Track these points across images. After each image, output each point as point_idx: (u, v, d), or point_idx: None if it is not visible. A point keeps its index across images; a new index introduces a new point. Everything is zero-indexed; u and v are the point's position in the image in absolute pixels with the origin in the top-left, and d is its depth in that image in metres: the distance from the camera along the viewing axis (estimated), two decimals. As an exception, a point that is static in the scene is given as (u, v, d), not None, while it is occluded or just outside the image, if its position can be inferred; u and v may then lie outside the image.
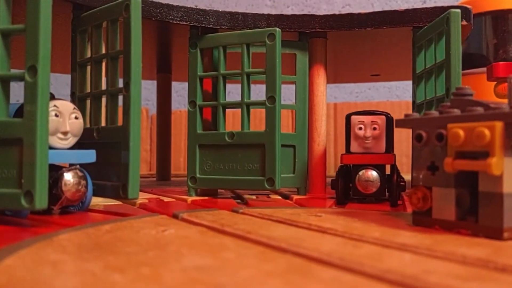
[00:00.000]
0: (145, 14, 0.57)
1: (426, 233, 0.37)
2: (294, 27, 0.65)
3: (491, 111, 0.34)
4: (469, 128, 0.35)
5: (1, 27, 0.39)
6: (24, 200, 0.37)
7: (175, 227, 0.38)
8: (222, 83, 0.61)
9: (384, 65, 0.90)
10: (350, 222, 0.41)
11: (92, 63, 0.52)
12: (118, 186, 0.46)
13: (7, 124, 0.38)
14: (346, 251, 0.30)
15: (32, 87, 0.37)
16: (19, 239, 0.33)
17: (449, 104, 0.39)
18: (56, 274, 0.24)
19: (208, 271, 0.25)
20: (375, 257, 0.29)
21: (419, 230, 0.38)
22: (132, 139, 0.45)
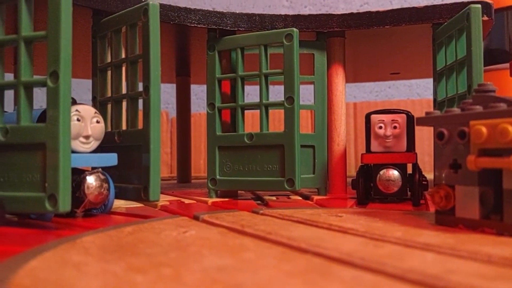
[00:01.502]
0: (163, 18, 0.57)
1: (449, 232, 0.36)
2: (311, 27, 0.65)
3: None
4: (492, 124, 0.34)
5: (24, 34, 0.40)
6: (48, 203, 0.37)
7: (196, 228, 0.39)
8: (240, 85, 0.61)
9: (403, 63, 0.89)
10: (371, 222, 0.41)
11: (112, 67, 0.53)
12: (139, 189, 0.47)
13: (30, 129, 0.39)
14: (367, 251, 0.30)
15: (54, 92, 0.37)
16: (43, 241, 0.34)
17: (471, 101, 0.39)
18: (79, 276, 0.25)
19: (228, 272, 0.25)
20: (397, 257, 0.28)
21: (442, 229, 0.37)
22: (152, 142, 0.46)
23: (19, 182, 0.39)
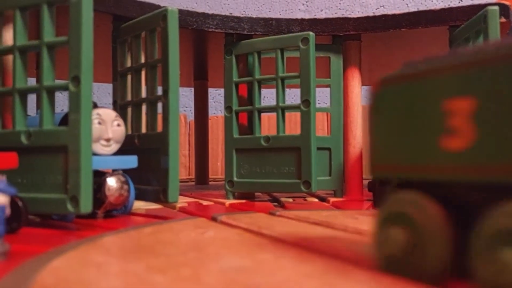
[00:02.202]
0: (182, 23, 0.58)
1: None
2: (327, 30, 0.65)
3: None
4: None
5: (46, 40, 0.41)
6: (70, 204, 0.38)
7: (214, 229, 0.39)
8: (257, 88, 0.62)
9: (421, 65, 0.88)
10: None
11: (132, 72, 0.54)
12: (158, 190, 0.48)
13: (53, 132, 0.40)
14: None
15: (76, 96, 0.38)
16: (65, 241, 0.35)
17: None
18: (101, 275, 0.25)
19: (246, 272, 0.26)
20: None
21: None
22: (171, 145, 0.46)
23: (41, 184, 0.40)
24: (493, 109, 0.21)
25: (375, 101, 0.28)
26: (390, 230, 0.24)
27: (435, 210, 0.23)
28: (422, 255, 0.23)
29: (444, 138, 0.23)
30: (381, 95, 0.28)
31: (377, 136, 0.27)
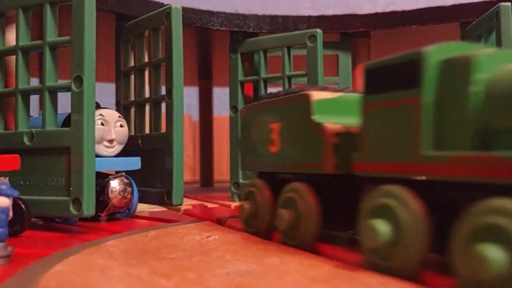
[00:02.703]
0: (186, 21, 0.57)
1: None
2: (335, 28, 0.64)
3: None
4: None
5: (49, 40, 0.40)
6: (73, 207, 0.38)
7: (219, 233, 0.38)
8: (263, 87, 0.61)
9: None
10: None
11: (135, 71, 0.54)
12: (162, 193, 0.47)
13: (55, 133, 0.39)
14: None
15: (79, 96, 0.38)
16: (68, 245, 0.34)
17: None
18: (104, 279, 0.25)
19: (252, 277, 0.25)
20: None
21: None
22: (175, 146, 0.46)
23: (44, 186, 0.40)
24: (287, 129, 0.35)
25: (243, 120, 0.42)
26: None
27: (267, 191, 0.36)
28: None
29: (270, 146, 0.37)
30: (246, 116, 0.41)
31: (244, 143, 0.41)
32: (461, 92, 0.24)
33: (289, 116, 0.35)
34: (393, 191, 0.25)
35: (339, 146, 0.31)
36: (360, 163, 0.29)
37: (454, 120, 0.24)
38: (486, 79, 0.23)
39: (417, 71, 0.25)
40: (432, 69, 0.25)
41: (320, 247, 0.32)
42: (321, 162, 0.31)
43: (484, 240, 0.20)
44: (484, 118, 0.23)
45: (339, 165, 0.30)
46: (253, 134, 0.39)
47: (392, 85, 0.26)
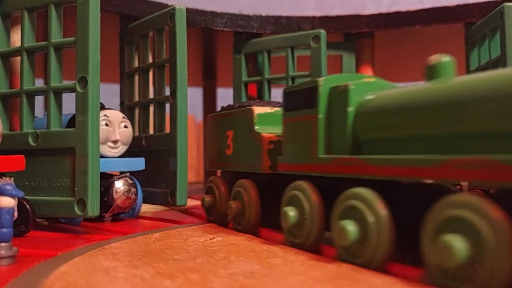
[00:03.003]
0: (190, 22, 0.57)
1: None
2: (339, 28, 0.64)
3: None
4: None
5: (54, 41, 0.40)
6: (77, 208, 0.38)
7: (223, 234, 0.38)
8: (267, 88, 0.61)
9: (435, 63, 0.87)
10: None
11: (139, 72, 0.54)
12: (166, 193, 0.47)
13: (60, 134, 0.39)
14: (399, 258, 0.29)
15: (83, 97, 0.38)
16: (73, 245, 0.34)
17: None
18: (109, 280, 0.25)
19: (256, 277, 0.25)
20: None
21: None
22: (179, 146, 0.46)
23: (49, 187, 0.40)
24: (237, 136, 0.42)
25: (207, 127, 0.47)
26: None
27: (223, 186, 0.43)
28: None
29: (226, 149, 0.44)
30: (209, 124, 0.47)
31: (208, 146, 0.47)
32: (342, 112, 0.31)
33: (239, 126, 0.42)
34: (299, 185, 0.33)
35: (271, 151, 0.39)
36: (282, 164, 0.36)
37: (338, 133, 0.32)
38: (358, 101, 0.31)
39: (314, 96, 0.33)
40: (323, 94, 0.32)
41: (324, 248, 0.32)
42: (260, 163, 0.39)
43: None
44: (355, 131, 0.31)
45: (272, 166, 0.38)
46: (215, 139, 0.46)
47: (299, 105, 0.34)
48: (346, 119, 0.31)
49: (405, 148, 0.28)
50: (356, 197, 0.28)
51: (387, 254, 0.26)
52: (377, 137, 0.30)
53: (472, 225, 0.21)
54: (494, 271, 0.21)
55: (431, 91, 0.27)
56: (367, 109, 0.30)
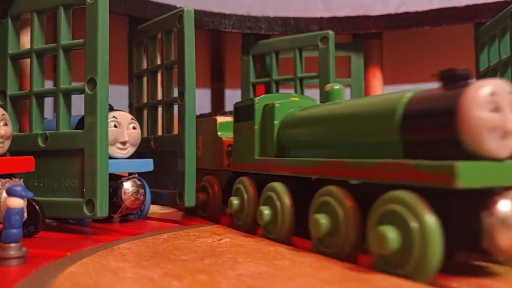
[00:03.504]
0: (198, 24, 0.58)
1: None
2: (347, 29, 0.64)
3: None
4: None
5: (63, 43, 0.41)
6: (86, 208, 0.38)
7: (231, 235, 0.38)
8: (275, 89, 0.61)
9: (445, 64, 0.86)
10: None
11: (148, 74, 0.54)
12: (174, 194, 0.47)
13: (69, 135, 0.40)
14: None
15: (92, 99, 0.38)
16: (81, 246, 0.34)
17: None
18: (117, 281, 0.25)
19: (263, 279, 0.25)
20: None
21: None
22: (187, 148, 0.46)
23: (58, 187, 0.40)
24: (205, 140, 0.50)
25: None
26: None
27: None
28: None
29: (197, 150, 0.49)
30: None
31: None
32: (271, 124, 0.40)
33: (207, 132, 0.51)
34: (241, 180, 0.42)
35: (230, 153, 0.47)
36: (232, 163, 0.45)
37: (269, 140, 0.40)
38: (282, 116, 0.39)
39: (252, 111, 0.42)
40: (258, 110, 0.41)
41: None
42: (221, 162, 0.48)
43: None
44: (280, 139, 0.39)
45: (229, 164, 0.46)
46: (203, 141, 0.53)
47: (243, 118, 0.43)
48: (273, 130, 0.39)
49: (311, 152, 0.36)
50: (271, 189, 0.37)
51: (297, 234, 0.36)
52: (293, 144, 0.38)
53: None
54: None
55: (327, 110, 0.34)
56: (287, 122, 0.39)
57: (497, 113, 0.24)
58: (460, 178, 0.22)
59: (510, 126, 0.24)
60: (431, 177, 0.23)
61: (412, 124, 0.27)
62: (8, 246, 0.29)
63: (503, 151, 0.24)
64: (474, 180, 0.23)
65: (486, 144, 0.23)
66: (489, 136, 0.23)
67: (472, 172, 0.23)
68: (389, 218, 0.25)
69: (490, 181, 0.23)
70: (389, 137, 0.28)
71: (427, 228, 0.23)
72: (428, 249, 0.23)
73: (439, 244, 0.23)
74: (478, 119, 0.23)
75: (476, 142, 0.23)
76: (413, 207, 0.24)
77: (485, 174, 0.23)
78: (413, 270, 0.24)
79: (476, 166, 0.23)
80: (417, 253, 0.24)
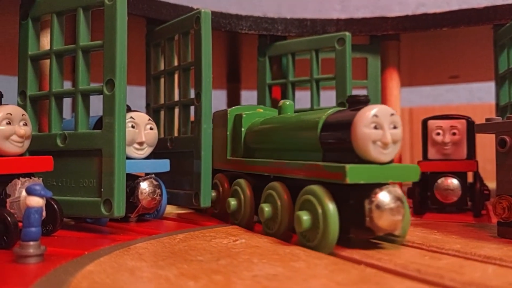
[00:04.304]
0: (215, 25, 0.58)
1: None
2: (364, 30, 0.63)
3: None
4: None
5: (82, 44, 0.41)
6: (104, 208, 0.38)
7: (246, 236, 0.38)
8: (291, 91, 0.61)
9: (463, 65, 0.86)
10: (428, 234, 0.39)
11: (165, 75, 0.54)
12: (190, 195, 0.47)
13: (87, 135, 0.40)
14: (424, 263, 0.29)
15: (110, 100, 0.38)
16: (99, 245, 0.35)
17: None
18: (134, 280, 0.25)
19: (279, 280, 0.25)
20: (456, 270, 0.27)
21: (505, 242, 0.35)
22: (203, 149, 0.46)
23: (76, 187, 0.41)
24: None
25: None
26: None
27: None
28: None
29: None
30: None
31: None
32: (239, 131, 0.47)
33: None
34: (217, 177, 0.50)
35: None
36: (215, 162, 0.50)
37: (238, 143, 0.47)
38: (248, 125, 0.46)
39: (225, 119, 0.49)
40: (230, 119, 0.48)
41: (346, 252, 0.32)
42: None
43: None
44: (246, 143, 0.46)
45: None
46: None
47: (219, 124, 0.50)
48: (241, 135, 0.46)
49: (267, 154, 0.43)
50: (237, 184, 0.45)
51: None
52: (256, 147, 0.45)
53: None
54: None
55: (277, 121, 0.43)
56: (251, 129, 0.46)
57: (379, 130, 0.32)
58: (349, 176, 0.31)
59: (388, 140, 0.32)
60: (333, 175, 0.32)
61: (327, 136, 0.35)
62: (27, 244, 0.30)
63: (383, 158, 0.32)
64: (359, 178, 0.31)
65: (371, 152, 0.32)
66: (372, 147, 0.31)
67: (357, 172, 0.31)
68: (306, 205, 0.34)
69: (371, 178, 0.31)
70: (314, 145, 0.36)
71: (327, 213, 0.32)
72: (328, 227, 0.31)
73: (336, 224, 0.31)
74: (364, 134, 0.31)
75: (363, 151, 0.32)
76: (319, 197, 0.32)
77: (368, 174, 0.31)
78: (319, 243, 0.32)
79: (360, 168, 0.31)
80: (321, 230, 0.32)
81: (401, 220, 0.32)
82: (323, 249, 0.32)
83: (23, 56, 0.45)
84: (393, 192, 0.32)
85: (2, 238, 0.33)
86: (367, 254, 0.31)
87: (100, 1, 0.39)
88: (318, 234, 0.32)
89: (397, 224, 0.31)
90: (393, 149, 0.32)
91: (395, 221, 0.31)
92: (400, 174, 0.32)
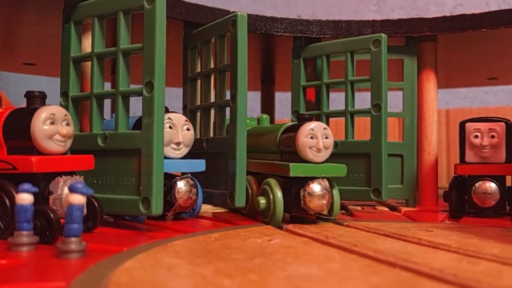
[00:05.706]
0: (251, 28, 0.58)
1: (554, 251, 0.33)
2: (401, 32, 0.63)
3: None
4: None
5: (122, 47, 0.42)
6: (142, 206, 0.39)
7: (280, 237, 0.39)
8: (325, 92, 0.61)
9: (502, 67, 0.83)
10: (465, 238, 0.38)
11: (201, 77, 0.55)
12: (225, 194, 0.48)
13: (127, 135, 0.41)
14: (461, 268, 0.28)
15: (149, 101, 0.39)
16: (136, 242, 0.36)
17: None
18: (171, 277, 0.26)
19: (313, 281, 0.25)
20: (494, 275, 0.27)
21: (546, 247, 0.35)
22: (238, 149, 0.46)
23: (115, 185, 0.42)
24: None
25: None
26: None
27: None
28: None
29: None
30: None
31: None
32: None
33: None
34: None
35: None
36: None
37: None
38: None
39: None
40: None
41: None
42: None
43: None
44: None
45: None
46: None
47: None
48: None
49: (253, 156, 0.51)
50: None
51: None
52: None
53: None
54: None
55: (255, 130, 0.55)
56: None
57: (314, 139, 0.45)
58: (291, 171, 0.44)
59: (321, 146, 0.44)
60: (282, 170, 0.45)
61: (282, 142, 0.48)
62: (69, 240, 0.30)
63: (317, 159, 0.45)
64: (299, 172, 0.44)
65: (308, 155, 0.45)
66: (309, 151, 0.45)
67: (297, 169, 0.44)
68: (264, 193, 0.47)
69: (307, 173, 0.44)
70: (275, 149, 0.49)
71: (276, 198, 0.45)
72: (275, 208, 0.45)
73: (281, 205, 0.45)
74: (304, 142, 0.45)
75: (303, 154, 0.45)
76: (272, 186, 0.45)
77: (305, 170, 0.45)
78: (271, 219, 0.45)
79: (300, 165, 0.45)
80: (272, 210, 0.45)
81: (326, 204, 0.44)
82: (273, 223, 0.45)
83: (66, 58, 0.46)
84: (322, 183, 0.44)
85: (45, 234, 0.35)
86: (402, 257, 0.31)
87: (140, 5, 0.40)
88: (270, 213, 0.45)
89: (323, 206, 0.44)
90: (325, 153, 0.45)
91: (322, 204, 0.44)
92: (329, 171, 0.45)
